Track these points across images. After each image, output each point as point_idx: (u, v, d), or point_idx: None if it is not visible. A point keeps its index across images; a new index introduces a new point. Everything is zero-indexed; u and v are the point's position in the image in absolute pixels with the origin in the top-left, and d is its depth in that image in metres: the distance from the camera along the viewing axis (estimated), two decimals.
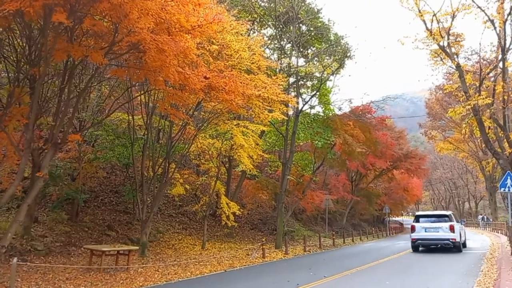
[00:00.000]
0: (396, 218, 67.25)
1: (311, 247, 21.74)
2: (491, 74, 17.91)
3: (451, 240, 18.18)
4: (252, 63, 14.17)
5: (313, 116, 23.27)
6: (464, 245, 20.21)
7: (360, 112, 24.32)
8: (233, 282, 10.82)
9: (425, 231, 18.77)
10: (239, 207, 19.66)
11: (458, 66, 16.28)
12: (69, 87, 10.59)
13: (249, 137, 18.76)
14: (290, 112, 21.65)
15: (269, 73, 15.65)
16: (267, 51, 23.61)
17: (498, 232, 35.57)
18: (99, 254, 11.49)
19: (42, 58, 9.70)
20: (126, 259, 12.14)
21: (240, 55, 13.27)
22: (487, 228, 44.03)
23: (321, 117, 23.37)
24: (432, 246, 19.19)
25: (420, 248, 19.58)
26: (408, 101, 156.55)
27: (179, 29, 9.76)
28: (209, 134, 18.99)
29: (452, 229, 18.26)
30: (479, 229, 48.29)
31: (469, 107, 15.08)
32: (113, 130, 18.07)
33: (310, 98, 22.64)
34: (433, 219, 19.36)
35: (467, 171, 62.48)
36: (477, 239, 29.15)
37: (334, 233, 26.09)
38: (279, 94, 13.83)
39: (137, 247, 13.45)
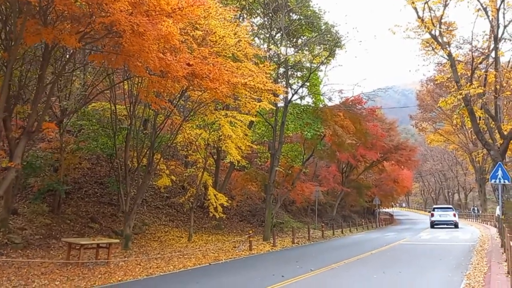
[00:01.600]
0: (387, 210, 67.49)
1: (300, 239, 21.48)
2: (483, 65, 17.66)
3: (453, 222, 31.53)
4: (239, 50, 13.68)
5: (303, 107, 22.85)
6: (457, 224, 32.19)
7: (351, 103, 23.94)
8: (216, 276, 10.46)
9: (439, 217, 32.23)
10: (227, 198, 19.28)
11: (449, 55, 15.96)
12: (43, 73, 10.05)
13: (238, 127, 18.34)
14: (281, 104, 21.22)
15: (256, 61, 15.16)
16: (257, 40, 23.11)
17: (487, 224, 35.65)
18: (78, 248, 11.04)
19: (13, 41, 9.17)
20: (107, 253, 11.73)
21: (225, 41, 12.78)
22: (477, 220, 44.19)
23: (311, 107, 22.97)
24: (442, 225, 31.81)
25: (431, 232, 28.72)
26: (400, 94, 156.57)
27: (159, 12, 9.27)
28: (196, 125, 18.53)
29: (454, 215, 32.25)
30: (468, 220, 48.53)
31: (461, 96, 14.78)
32: (97, 119, 17.54)
33: (300, 87, 22.21)
34: (443, 209, 33.87)
35: (457, 163, 62.66)
36: (467, 231, 29.13)
37: (323, 224, 25.86)
38: (266, 83, 13.38)
39: (117, 240, 13.04)
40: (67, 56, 13.70)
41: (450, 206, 36.90)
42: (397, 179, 46.74)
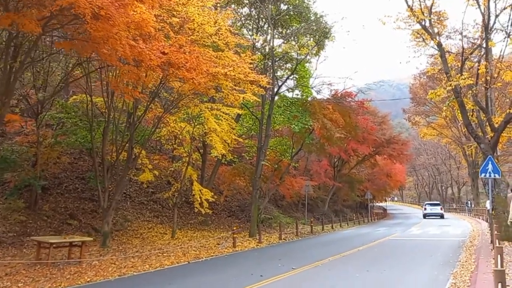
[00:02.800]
0: (380, 204, 67.29)
1: (288, 235, 21.02)
2: (475, 56, 17.19)
3: (440, 214, 41.17)
4: (219, 39, 13.09)
5: (291, 100, 22.31)
6: (443, 215, 41.50)
7: (340, 96, 23.41)
8: (192, 276, 9.96)
9: (430, 210, 42.15)
10: (213, 193, 18.77)
11: (439, 45, 15.47)
12: (6, 62, 9.46)
13: (223, 121, 17.79)
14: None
15: (239, 51, 14.55)
16: (245, 31, 22.48)
17: (479, 218, 35.39)
18: (47, 247, 10.49)
19: None
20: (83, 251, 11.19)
21: (204, 29, 12.19)
22: (470, 214, 44.00)
23: (299, 100, 22.42)
24: (432, 216, 40.75)
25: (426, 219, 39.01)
26: (394, 88, 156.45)
27: None
28: (180, 118, 17.96)
29: (441, 209, 42.66)
30: (461, 214, 48.37)
31: (450, 88, 14.30)
32: (76, 112, 16.92)
33: (287, 78, 21.62)
34: (433, 205, 44.08)
35: (450, 157, 62.49)
36: (458, 225, 28.85)
37: (312, 219, 25.44)
38: (248, 73, 12.81)
39: (91, 238, 12.52)
40: (41, 44, 13.03)
41: (438, 202, 49.25)
42: (390, 173, 46.43)
